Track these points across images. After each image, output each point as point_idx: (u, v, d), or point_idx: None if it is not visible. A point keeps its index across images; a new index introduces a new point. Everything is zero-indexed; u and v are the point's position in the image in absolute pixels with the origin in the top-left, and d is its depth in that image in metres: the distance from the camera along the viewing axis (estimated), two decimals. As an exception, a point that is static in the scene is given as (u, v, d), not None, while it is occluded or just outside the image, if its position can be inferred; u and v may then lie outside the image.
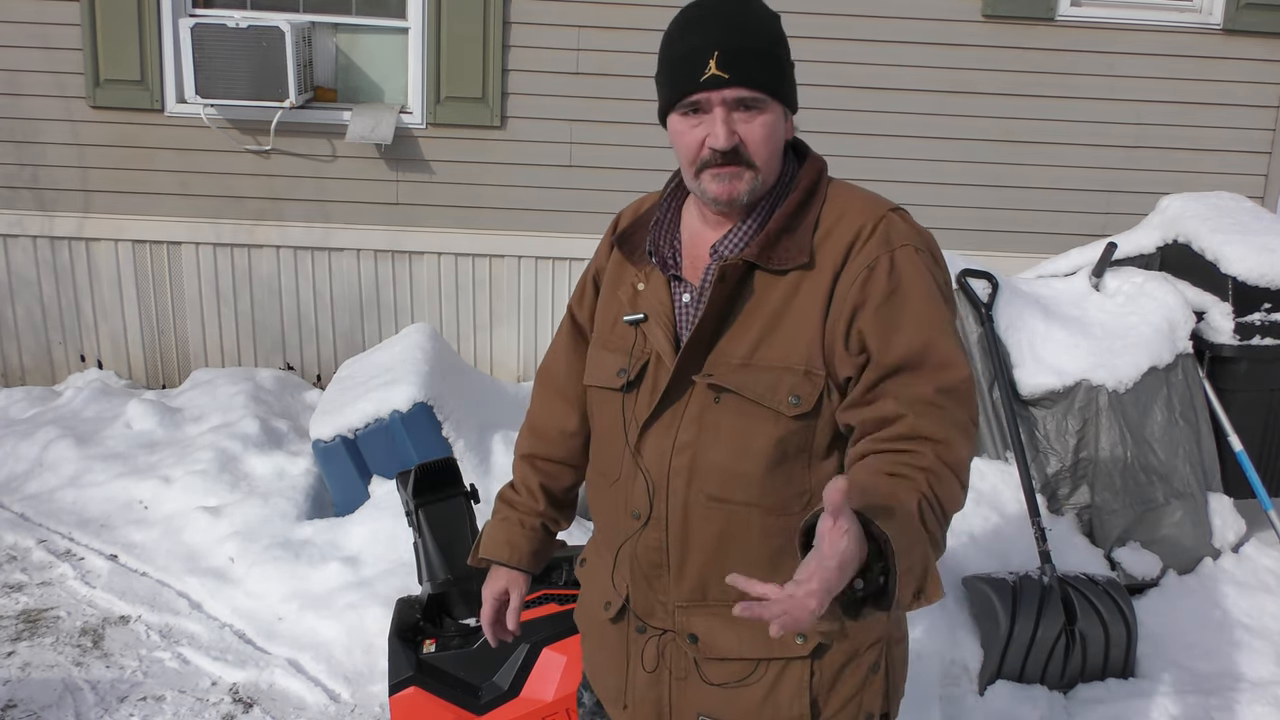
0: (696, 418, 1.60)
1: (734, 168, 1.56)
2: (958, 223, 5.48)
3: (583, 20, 5.28)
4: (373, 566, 3.74)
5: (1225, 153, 5.57)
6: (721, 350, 1.59)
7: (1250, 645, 3.36)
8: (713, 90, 1.53)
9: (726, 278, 1.56)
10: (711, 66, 1.52)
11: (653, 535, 1.66)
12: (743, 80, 1.52)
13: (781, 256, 1.56)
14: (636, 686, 1.75)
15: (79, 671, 3.33)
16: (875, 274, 1.52)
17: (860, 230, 1.56)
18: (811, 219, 1.59)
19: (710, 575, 1.63)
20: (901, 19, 5.33)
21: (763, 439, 1.56)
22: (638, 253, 1.71)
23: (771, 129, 1.56)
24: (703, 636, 1.65)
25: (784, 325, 1.56)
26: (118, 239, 5.46)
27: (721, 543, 1.61)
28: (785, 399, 1.54)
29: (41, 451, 4.64)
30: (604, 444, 1.74)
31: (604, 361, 1.72)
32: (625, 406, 1.68)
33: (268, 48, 5.00)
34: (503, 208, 5.48)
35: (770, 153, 1.57)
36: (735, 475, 1.58)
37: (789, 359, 1.55)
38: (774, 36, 1.57)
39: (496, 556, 1.91)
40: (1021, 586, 3.20)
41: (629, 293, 1.71)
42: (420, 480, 2.82)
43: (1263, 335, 3.83)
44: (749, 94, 1.53)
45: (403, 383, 4.12)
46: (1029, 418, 3.74)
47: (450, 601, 2.79)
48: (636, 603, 1.72)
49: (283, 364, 5.67)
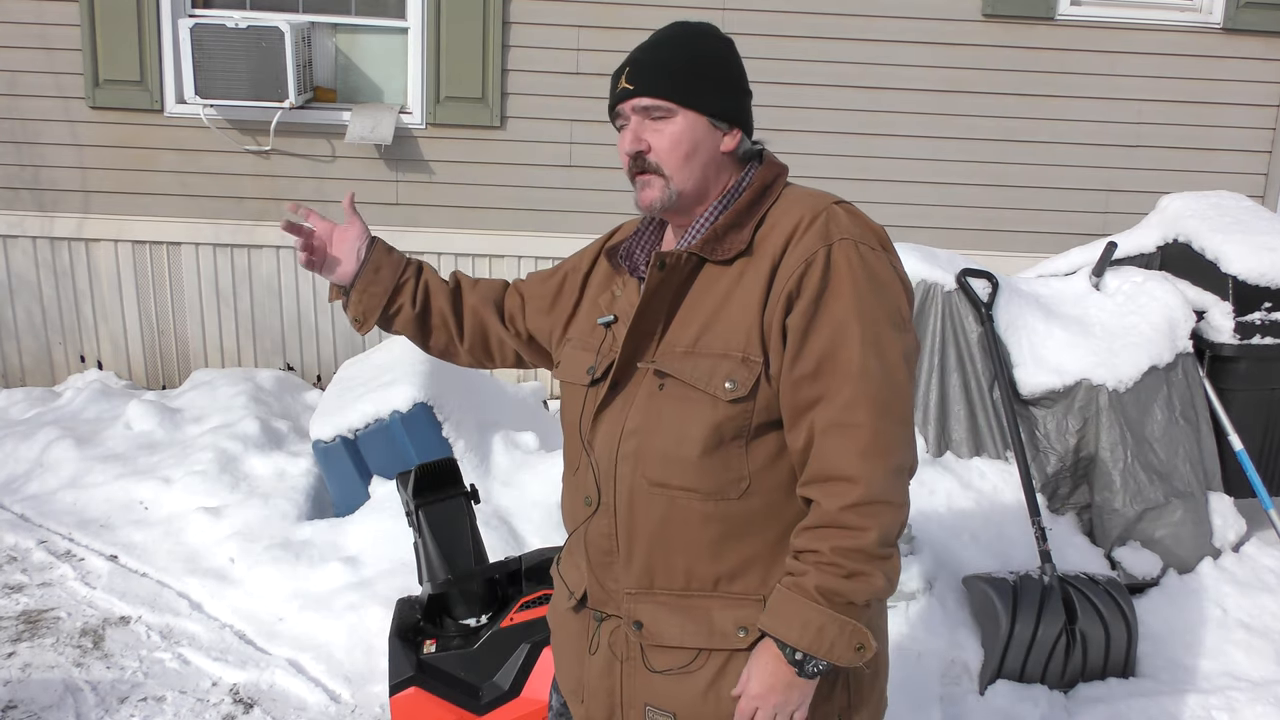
0: (644, 405, 1.65)
1: (645, 175, 1.67)
2: (958, 222, 5.48)
3: (583, 20, 5.28)
4: (373, 567, 3.73)
5: (1225, 152, 5.57)
6: (669, 340, 1.66)
7: (1251, 644, 3.35)
8: (622, 102, 1.68)
9: (666, 265, 1.64)
10: (623, 80, 1.68)
11: (602, 521, 1.71)
12: (645, 90, 1.64)
13: (725, 248, 1.63)
14: (591, 676, 1.78)
15: (79, 672, 3.33)
16: (811, 269, 1.57)
17: (800, 221, 1.61)
18: (758, 215, 1.66)
19: (656, 561, 1.67)
20: (901, 18, 5.33)
21: (700, 424, 1.60)
22: (617, 261, 1.82)
23: (678, 138, 1.64)
24: (647, 624, 1.68)
25: (726, 313, 1.62)
26: (117, 239, 5.46)
27: (664, 529, 1.65)
28: (721, 384, 1.59)
29: (42, 452, 4.64)
30: (567, 436, 1.82)
31: (577, 359, 1.81)
32: (586, 399, 1.75)
33: (267, 48, 5.00)
34: (503, 208, 5.48)
35: (680, 160, 1.65)
36: (674, 460, 1.62)
37: (729, 346, 1.60)
38: (694, 54, 1.66)
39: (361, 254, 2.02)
40: (1022, 586, 3.20)
41: (608, 299, 1.82)
42: (420, 480, 2.82)
43: (1263, 334, 3.82)
44: (651, 102, 1.64)
45: (403, 383, 4.12)
46: (1029, 417, 3.74)
47: (450, 602, 2.79)
48: (593, 592, 1.76)
49: (283, 364, 5.67)
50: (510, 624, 2.70)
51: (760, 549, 1.64)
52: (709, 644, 1.66)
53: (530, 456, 4.32)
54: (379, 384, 4.19)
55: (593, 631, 1.77)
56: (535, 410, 5.11)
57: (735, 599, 1.65)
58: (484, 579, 2.80)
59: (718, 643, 1.65)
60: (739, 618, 1.64)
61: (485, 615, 2.78)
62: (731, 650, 1.65)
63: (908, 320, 1.63)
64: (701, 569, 1.65)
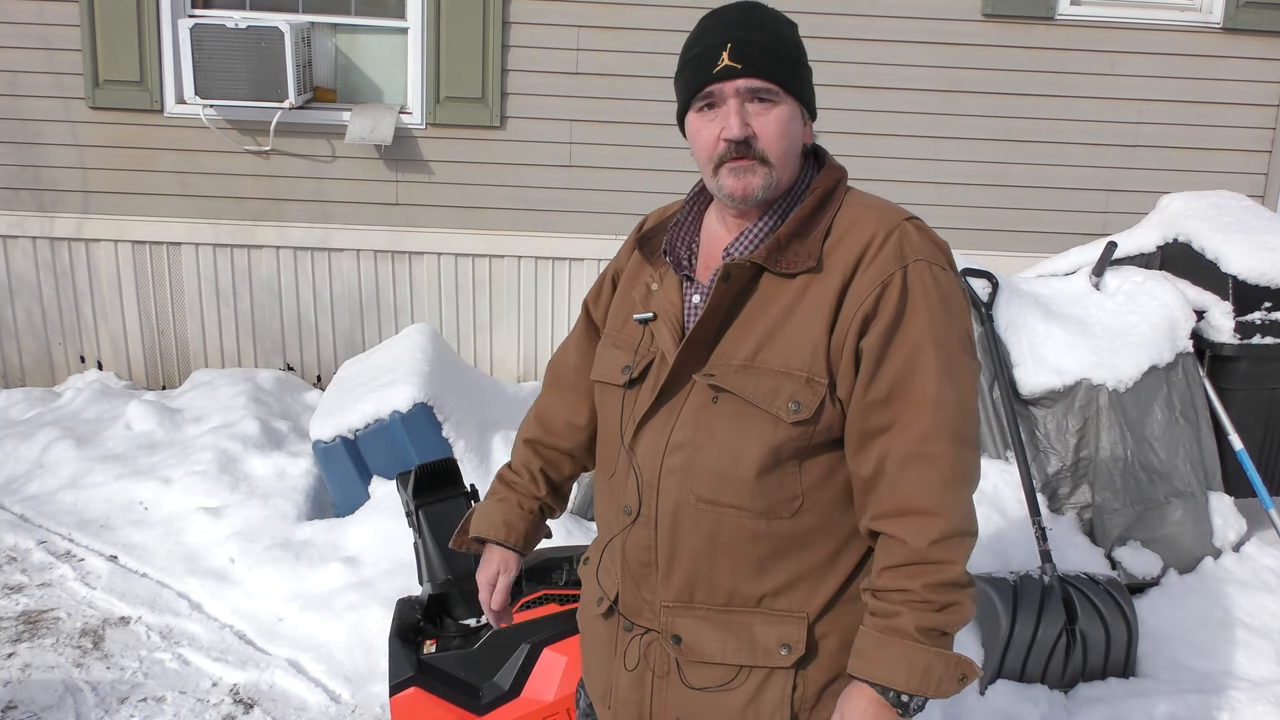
0: (692, 418, 1.59)
1: (747, 161, 1.56)
2: (958, 222, 5.47)
3: (583, 20, 5.28)
4: (373, 567, 3.74)
5: (1225, 151, 5.57)
6: (723, 351, 1.58)
7: (1251, 644, 3.35)
8: (726, 81, 1.54)
9: (731, 277, 1.57)
10: (724, 58, 1.54)
11: (642, 533, 1.65)
12: (756, 71, 1.53)
13: (790, 260, 1.56)
14: (620, 686, 1.74)
15: (79, 673, 3.33)
16: (888, 291, 1.51)
17: (872, 239, 1.55)
18: (824, 225, 1.58)
19: (698, 577, 1.62)
20: (901, 18, 5.33)
21: (758, 444, 1.55)
22: (656, 253, 1.72)
23: (785, 124, 1.56)
24: (686, 638, 1.64)
25: (788, 330, 1.55)
26: (117, 240, 5.46)
27: (710, 545, 1.60)
28: (786, 405, 1.53)
29: (41, 453, 4.64)
30: (605, 440, 1.75)
31: (611, 358, 1.73)
32: (625, 403, 1.68)
33: (267, 48, 5.00)
34: (502, 208, 5.48)
35: (785, 149, 1.57)
36: (727, 478, 1.57)
37: (791, 364, 1.54)
38: (789, 38, 1.59)
39: (492, 536, 1.89)
40: (1022, 586, 3.20)
41: (642, 292, 1.72)
42: (420, 481, 2.82)
43: (1263, 334, 3.82)
44: (761, 84, 1.54)
45: (403, 383, 4.12)
46: (1029, 417, 3.74)
47: (451, 602, 2.79)
48: (625, 601, 1.71)
49: (283, 365, 5.67)
50: (510, 624, 2.70)
51: (808, 566, 1.60)
52: (751, 661, 1.61)
53: (530, 456, 4.31)
54: (379, 384, 4.19)
55: (624, 642, 1.73)
56: (535, 410, 5.11)
57: (779, 616, 1.61)
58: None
59: (760, 660, 1.61)
60: (782, 635, 1.60)
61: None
62: (772, 668, 1.61)
63: (974, 343, 1.59)
64: (746, 586, 1.61)
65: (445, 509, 2.82)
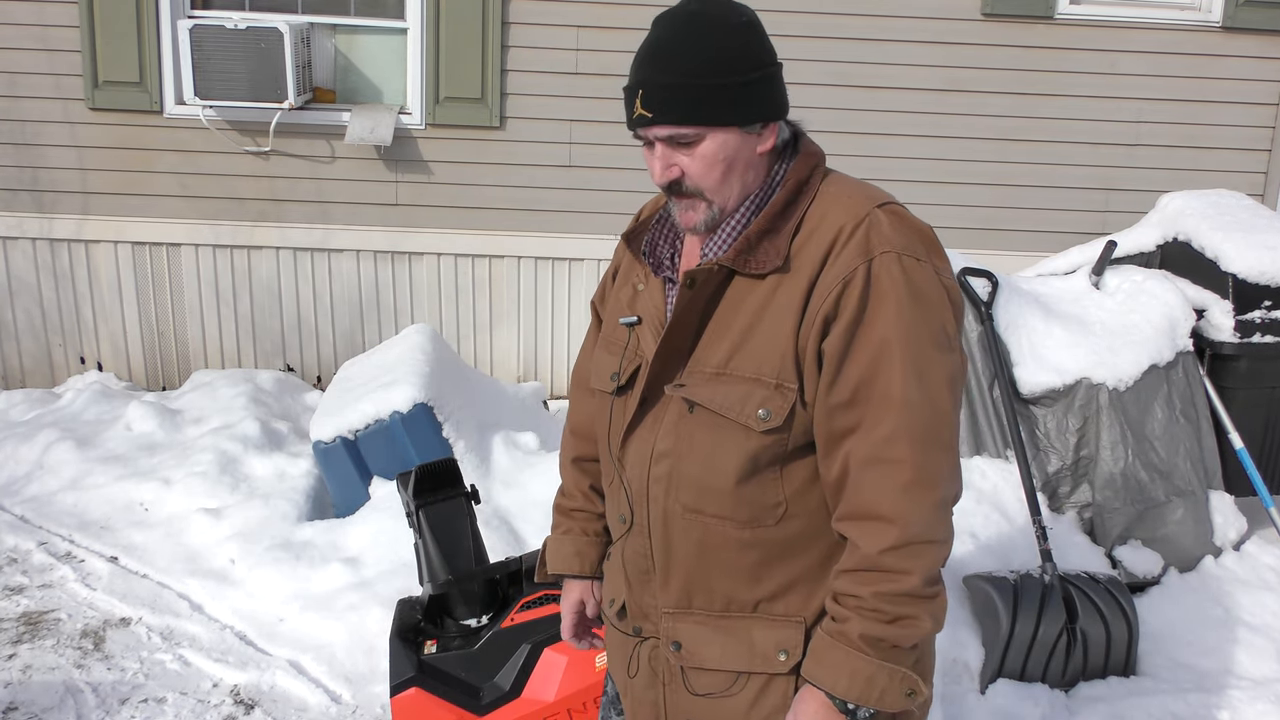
0: (674, 427, 1.58)
1: (686, 199, 1.55)
2: (958, 221, 5.47)
3: (582, 20, 5.28)
4: (374, 567, 3.73)
5: (1225, 150, 5.57)
6: (698, 358, 1.56)
7: (1251, 643, 3.35)
8: (642, 129, 1.53)
9: (696, 284, 1.53)
10: (638, 106, 1.52)
11: (638, 541, 1.66)
12: (665, 118, 1.50)
13: (759, 260, 1.51)
14: (635, 686, 1.75)
15: (80, 674, 3.33)
16: (849, 288, 1.45)
17: (839, 233, 1.49)
18: (794, 220, 1.53)
19: (694, 584, 1.61)
20: (900, 18, 5.33)
21: (734, 454, 1.52)
22: (641, 251, 1.70)
23: (712, 157, 1.51)
24: (686, 644, 1.64)
25: (758, 333, 1.52)
26: (117, 241, 5.46)
27: (702, 552, 1.59)
28: (754, 414, 1.50)
29: (42, 454, 4.64)
30: (601, 447, 1.75)
31: (602, 364, 1.71)
32: (615, 410, 1.67)
33: (266, 49, 5.00)
34: (502, 208, 5.48)
35: (718, 178, 1.52)
36: (708, 489, 1.55)
37: (761, 370, 1.51)
38: (711, 57, 1.48)
39: (569, 570, 1.88)
40: (1022, 585, 3.20)
41: (629, 294, 1.70)
42: (421, 481, 2.82)
43: (1263, 333, 3.82)
44: (674, 130, 1.50)
45: (403, 383, 4.12)
46: (1029, 416, 3.74)
47: (451, 602, 2.79)
48: (631, 605, 1.72)
49: (283, 365, 5.67)
50: (511, 624, 2.70)
51: (803, 570, 1.58)
52: (749, 667, 1.60)
53: (530, 457, 4.31)
54: (379, 384, 4.19)
55: (632, 649, 1.74)
56: (535, 410, 5.11)
57: (777, 621, 1.59)
58: (484, 579, 2.80)
59: (758, 666, 1.60)
60: (780, 640, 1.58)
61: (486, 616, 2.78)
62: (771, 674, 1.60)
63: (954, 338, 1.51)
64: (741, 592, 1.59)
65: (445, 509, 2.82)
